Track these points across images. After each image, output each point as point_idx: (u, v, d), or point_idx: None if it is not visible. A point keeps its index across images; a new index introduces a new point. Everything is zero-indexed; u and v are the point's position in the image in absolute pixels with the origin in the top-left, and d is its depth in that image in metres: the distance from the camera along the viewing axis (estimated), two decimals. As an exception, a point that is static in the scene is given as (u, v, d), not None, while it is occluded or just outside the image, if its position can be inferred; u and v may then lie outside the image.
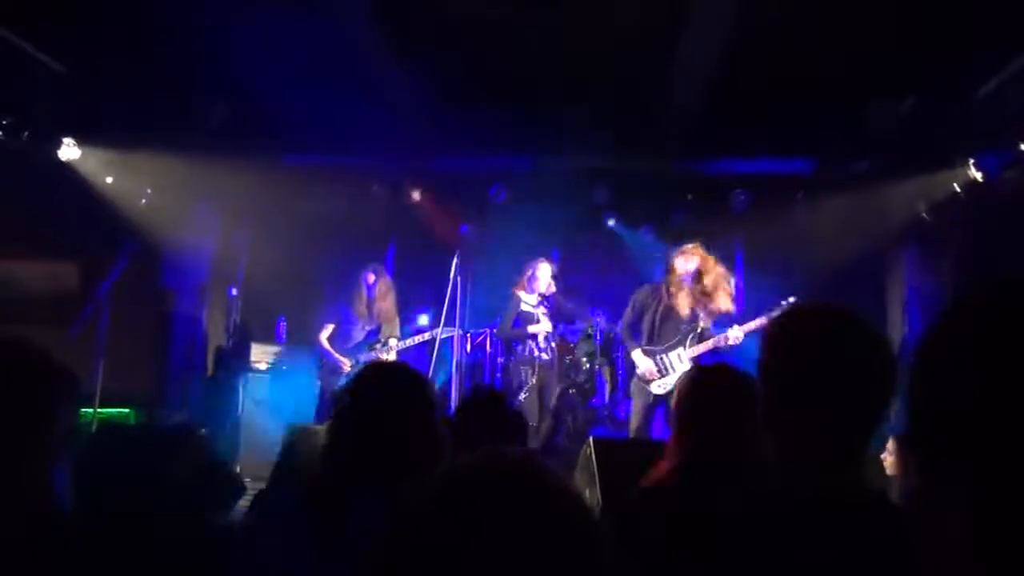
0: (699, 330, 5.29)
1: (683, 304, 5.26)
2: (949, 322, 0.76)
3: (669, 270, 5.36)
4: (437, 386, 6.55)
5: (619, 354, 7.26)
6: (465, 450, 0.96)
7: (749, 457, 1.30)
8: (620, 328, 5.69)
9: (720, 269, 5.31)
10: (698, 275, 5.26)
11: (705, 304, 5.25)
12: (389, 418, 1.75)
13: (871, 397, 1.24)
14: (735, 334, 5.14)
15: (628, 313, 5.52)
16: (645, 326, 5.39)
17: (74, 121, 6.29)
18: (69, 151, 6.32)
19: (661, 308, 5.34)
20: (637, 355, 5.35)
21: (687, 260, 5.31)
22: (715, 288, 5.24)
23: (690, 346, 5.28)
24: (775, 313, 5.07)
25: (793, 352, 1.28)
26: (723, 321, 5.32)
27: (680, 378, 2.09)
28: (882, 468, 3.37)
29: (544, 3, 5.14)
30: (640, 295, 5.51)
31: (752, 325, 5.15)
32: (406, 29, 5.39)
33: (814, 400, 1.23)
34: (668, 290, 5.31)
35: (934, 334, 0.77)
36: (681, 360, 5.28)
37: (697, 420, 1.92)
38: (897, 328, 7.06)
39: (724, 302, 5.24)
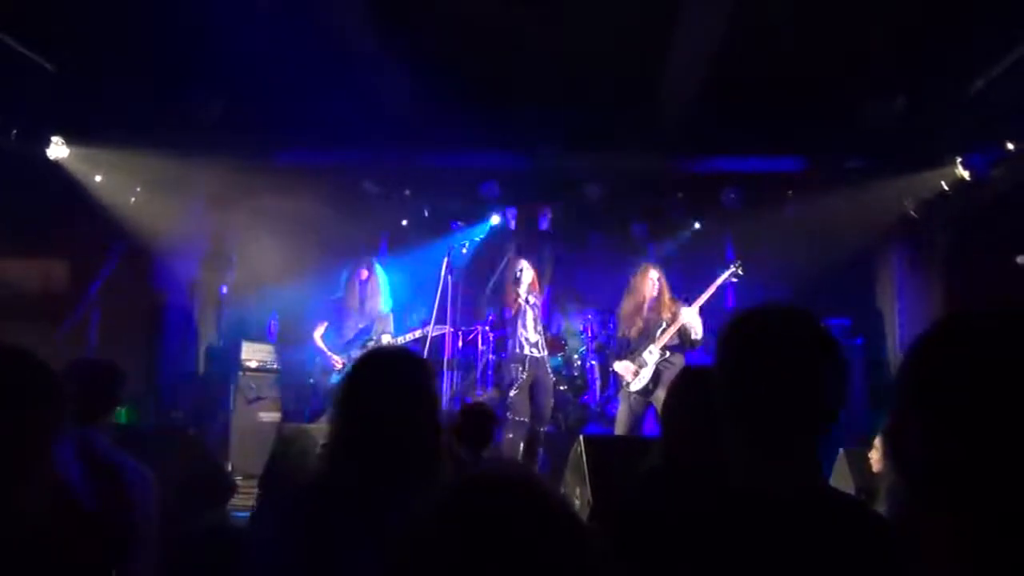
0: (663, 325, 5.67)
1: (641, 317, 5.74)
2: (937, 336, 0.78)
3: (629, 289, 5.89)
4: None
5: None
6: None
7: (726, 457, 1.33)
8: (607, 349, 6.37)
9: (659, 285, 5.75)
10: (647, 292, 5.75)
11: (658, 313, 5.72)
12: (392, 412, 1.70)
13: (818, 396, 1.26)
14: (688, 316, 5.55)
15: (617, 336, 6.08)
16: (624, 340, 5.83)
17: (63, 119, 6.26)
18: (58, 149, 6.29)
19: (631, 320, 5.79)
20: (616, 364, 5.79)
21: (635, 278, 5.83)
22: (655, 304, 5.72)
23: (658, 339, 5.64)
24: (718, 281, 5.69)
25: (741, 352, 1.32)
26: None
27: (673, 379, 2.13)
28: (869, 465, 3.40)
29: (538, 1, 5.15)
30: (618, 313, 6.02)
31: (701, 299, 5.68)
32: (398, 26, 5.39)
33: (763, 399, 1.26)
34: (629, 306, 5.82)
35: (922, 347, 0.78)
36: (652, 353, 5.64)
37: (679, 420, 1.95)
38: (886, 324, 7.11)
39: (666, 309, 5.68)
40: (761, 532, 1.17)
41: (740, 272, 5.83)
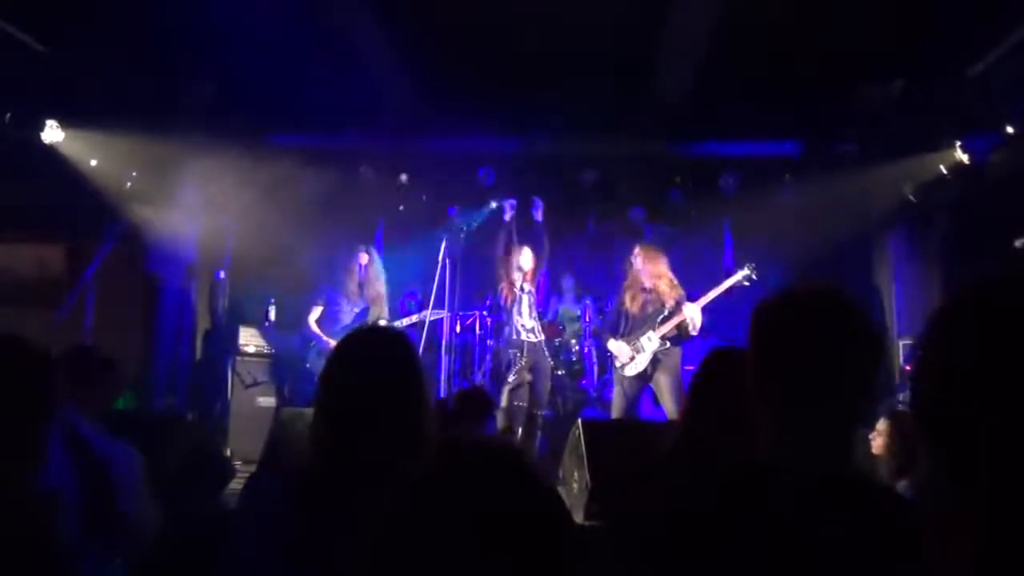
0: (666, 312, 5.60)
1: (640, 298, 5.69)
2: (952, 315, 0.76)
3: (627, 268, 5.84)
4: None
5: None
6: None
7: (754, 437, 1.31)
8: (602, 332, 6.24)
9: (660, 267, 5.68)
10: (647, 274, 5.69)
11: (658, 296, 5.64)
12: (371, 388, 1.65)
13: (855, 378, 1.25)
14: (691, 312, 5.49)
15: (612, 313, 6.03)
16: (622, 320, 5.76)
17: (57, 103, 6.21)
18: (52, 133, 6.24)
19: (631, 302, 5.73)
20: (612, 344, 5.72)
21: (635, 259, 5.75)
22: (656, 286, 5.65)
23: (658, 327, 5.57)
24: (729, 282, 5.57)
25: (775, 333, 1.29)
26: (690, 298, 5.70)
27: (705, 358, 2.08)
28: (869, 448, 3.41)
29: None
30: (620, 295, 5.95)
31: (708, 298, 5.59)
32: (394, 9, 5.34)
33: (799, 382, 1.25)
34: (628, 287, 5.77)
35: (936, 327, 0.76)
36: (651, 340, 5.58)
37: (705, 397, 1.93)
38: (885, 309, 7.12)
39: (668, 295, 5.61)
40: (793, 512, 1.16)
41: (754, 276, 5.62)
